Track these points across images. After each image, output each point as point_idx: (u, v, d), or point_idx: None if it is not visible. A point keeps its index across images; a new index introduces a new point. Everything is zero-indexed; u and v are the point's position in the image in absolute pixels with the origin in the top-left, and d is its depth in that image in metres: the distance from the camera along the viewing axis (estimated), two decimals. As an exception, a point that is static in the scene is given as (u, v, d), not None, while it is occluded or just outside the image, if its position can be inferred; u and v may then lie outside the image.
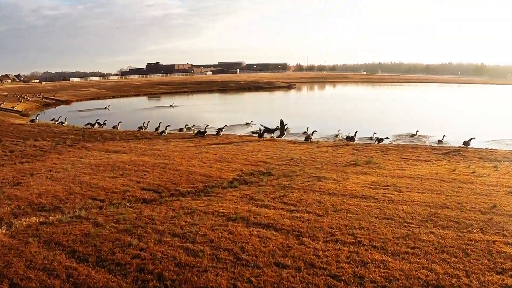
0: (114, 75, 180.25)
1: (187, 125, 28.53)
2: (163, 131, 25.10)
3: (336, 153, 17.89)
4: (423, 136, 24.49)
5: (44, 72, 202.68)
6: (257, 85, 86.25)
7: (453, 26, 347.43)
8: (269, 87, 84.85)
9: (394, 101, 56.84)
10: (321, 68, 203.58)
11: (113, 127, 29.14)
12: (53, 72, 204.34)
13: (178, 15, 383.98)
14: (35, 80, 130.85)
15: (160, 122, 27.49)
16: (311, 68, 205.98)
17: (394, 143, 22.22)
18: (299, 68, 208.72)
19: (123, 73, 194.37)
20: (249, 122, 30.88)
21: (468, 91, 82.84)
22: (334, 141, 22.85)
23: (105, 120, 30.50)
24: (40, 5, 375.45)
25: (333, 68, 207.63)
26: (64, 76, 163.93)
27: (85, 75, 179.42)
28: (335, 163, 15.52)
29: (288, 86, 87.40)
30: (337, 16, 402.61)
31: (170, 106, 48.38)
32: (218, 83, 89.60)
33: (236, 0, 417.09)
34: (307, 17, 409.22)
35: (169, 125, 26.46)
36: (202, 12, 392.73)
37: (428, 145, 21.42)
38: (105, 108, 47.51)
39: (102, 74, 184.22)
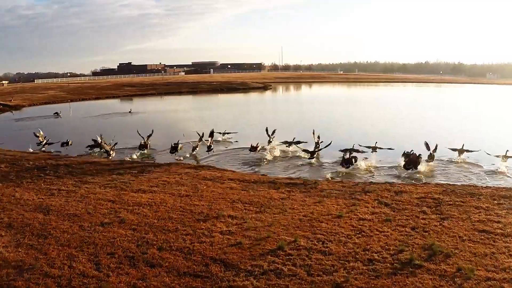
0: (86, 75, 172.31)
1: (140, 145, 22.40)
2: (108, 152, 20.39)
3: (359, 217, 10.70)
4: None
5: (16, 73, 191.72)
6: (231, 86, 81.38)
7: (429, 26, 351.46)
8: (243, 88, 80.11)
9: (394, 103, 53.04)
10: (296, 68, 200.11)
11: (63, 144, 23.77)
12: (25, 73, 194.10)
13: (155, 15, 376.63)
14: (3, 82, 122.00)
15: (98, 141, 21.29)
16: (286, 68, 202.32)
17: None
18: (275, 67, 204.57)
19: (94, 73, 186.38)
20: (224, 132, 26.25)
21: (466, 91, 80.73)
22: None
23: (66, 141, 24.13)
24: (16, 5, 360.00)
25: (309, 68, 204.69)
26: (36, 77, 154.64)
27: (55, 76, 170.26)
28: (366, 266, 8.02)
29: (264, 87, 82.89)
30: (312, 15, 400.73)
31: (129, 112, 43.05)
32: (189, 84, 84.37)
33: (211, 0, 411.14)
34: (282, 16, 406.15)
35: (116, 143, 21.68)
36: (178, 12, 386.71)
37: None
38: (56, 114, 41.83)
39: (74, 75, 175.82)
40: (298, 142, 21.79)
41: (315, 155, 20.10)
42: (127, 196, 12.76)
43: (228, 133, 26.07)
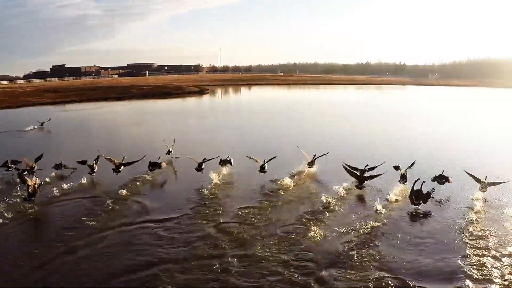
0: (21, 78, 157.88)
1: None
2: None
3: None
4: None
5: None
6: (164, 90, 75.84)
7: (369, 26, 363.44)
8: (177, 93, 74.99)
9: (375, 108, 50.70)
10: (236, 69, 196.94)
11: None
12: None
13: (93, 16, 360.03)
14: None
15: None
16: (225, 69, 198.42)
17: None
18: (213, 69, 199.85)
19: (26, 76, 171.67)
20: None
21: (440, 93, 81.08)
22: None
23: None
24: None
25: (249, 69, 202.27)
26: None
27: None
28: None
29: (200, 91, 78.22)
30: (251, 15, 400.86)
31: (40, 124, 36.47)
32: (118, 89, 77.68)
33: (150, 0, 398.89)
34: (220, 17, 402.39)
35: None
36: (117, 13, 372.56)
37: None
38: None
39: (8, 78, 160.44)
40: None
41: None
42: None
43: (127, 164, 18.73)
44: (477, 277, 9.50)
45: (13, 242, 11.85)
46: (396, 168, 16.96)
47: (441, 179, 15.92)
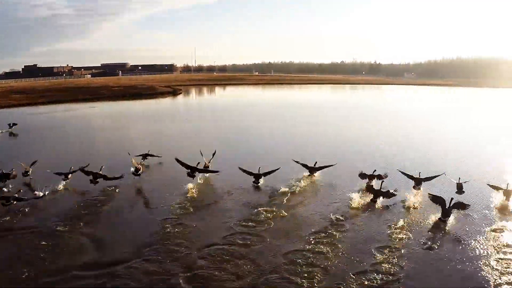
0: None
1: None
2: None
3: None
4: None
5: None
6: (136, 91, 74.17)
7: (344, 26, 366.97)
8: (150, 93, 73.51)
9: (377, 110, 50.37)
10: (210, 69, 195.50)
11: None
12: None
13: (66, 16, 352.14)
14: None
15: None
16: (200, 69, 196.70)
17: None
18: (187, 69, 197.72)
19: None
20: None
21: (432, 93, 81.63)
22: None
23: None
24: None
25: (223, 69, 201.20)
26: None
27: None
28: None
29: (173, 92, 76.95)
30: (225, 15, 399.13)
31: (9, 127, 34.25)
32: (90, 90, 75.39)
33: (124, 0, 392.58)
34: (195, 17, 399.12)
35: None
36: (90, 13, 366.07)
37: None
38: None
39: None
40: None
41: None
42: None
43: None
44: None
45: None
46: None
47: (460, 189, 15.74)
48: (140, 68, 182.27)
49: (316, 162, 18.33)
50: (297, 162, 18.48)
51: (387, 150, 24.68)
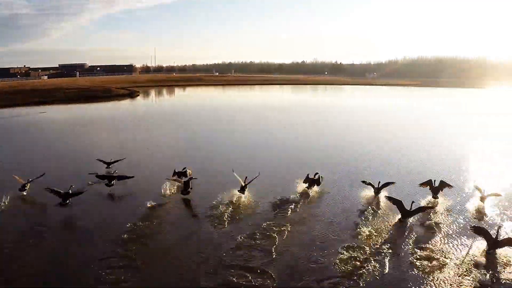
0: None
1: None
2: None
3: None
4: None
5: None
6: (91, 94, 73.13)
7: (304, 25, 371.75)
8: (106, 96, 72.62)
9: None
10: (170, 69, 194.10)
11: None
12: None
13: (25, 15, 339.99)
14: None
15: None
16: (159, 69, 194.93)
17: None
18: (146, 69, 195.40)
19: None
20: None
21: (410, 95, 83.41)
22: None
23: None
24: None
25: (183, 69, 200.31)
26: None
27: None
28: None
29: (130, 94, 76.30)
30: (185, 14, 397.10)
31: None
32: (43, 93, 73.37)
33: (83, 0, 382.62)
34: (155, 17, 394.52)
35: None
36: (49, 12, 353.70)
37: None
38: None
39: None
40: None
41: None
42: None
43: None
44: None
45: None
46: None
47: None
48: (98, 68, 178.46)
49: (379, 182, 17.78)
50: (364, 182, 17.85)
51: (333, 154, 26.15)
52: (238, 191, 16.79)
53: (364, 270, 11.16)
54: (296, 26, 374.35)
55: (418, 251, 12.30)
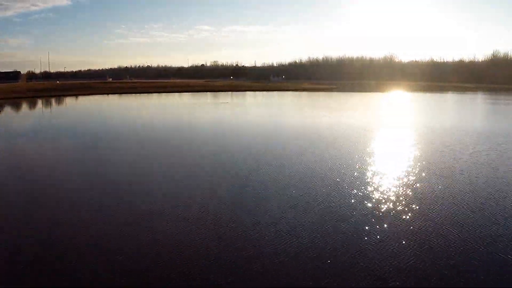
0: None
1: None
2: None
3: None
4: None
5: None
6: None
7: (204, 28, 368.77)
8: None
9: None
10: (59, 75, 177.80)
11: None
12: None
13: None
14: None
15: None
16: (47, 76, 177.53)
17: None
18: (33, 76, 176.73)
19: None
20: None
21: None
22: None
23: None
24: None
25: (75, 75, 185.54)
26: None
27: None
28: None
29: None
30: (81, 18, 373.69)
31: None
32: None
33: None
34: (51, 20, 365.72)
35: None
36: None
37: None
38: None
39: None
40: None
41: None
42: None
43: None
44: None
45: None
46: None
47: None
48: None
49: None
50: None
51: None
52: None
53: None
54: (193, 29, 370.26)
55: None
